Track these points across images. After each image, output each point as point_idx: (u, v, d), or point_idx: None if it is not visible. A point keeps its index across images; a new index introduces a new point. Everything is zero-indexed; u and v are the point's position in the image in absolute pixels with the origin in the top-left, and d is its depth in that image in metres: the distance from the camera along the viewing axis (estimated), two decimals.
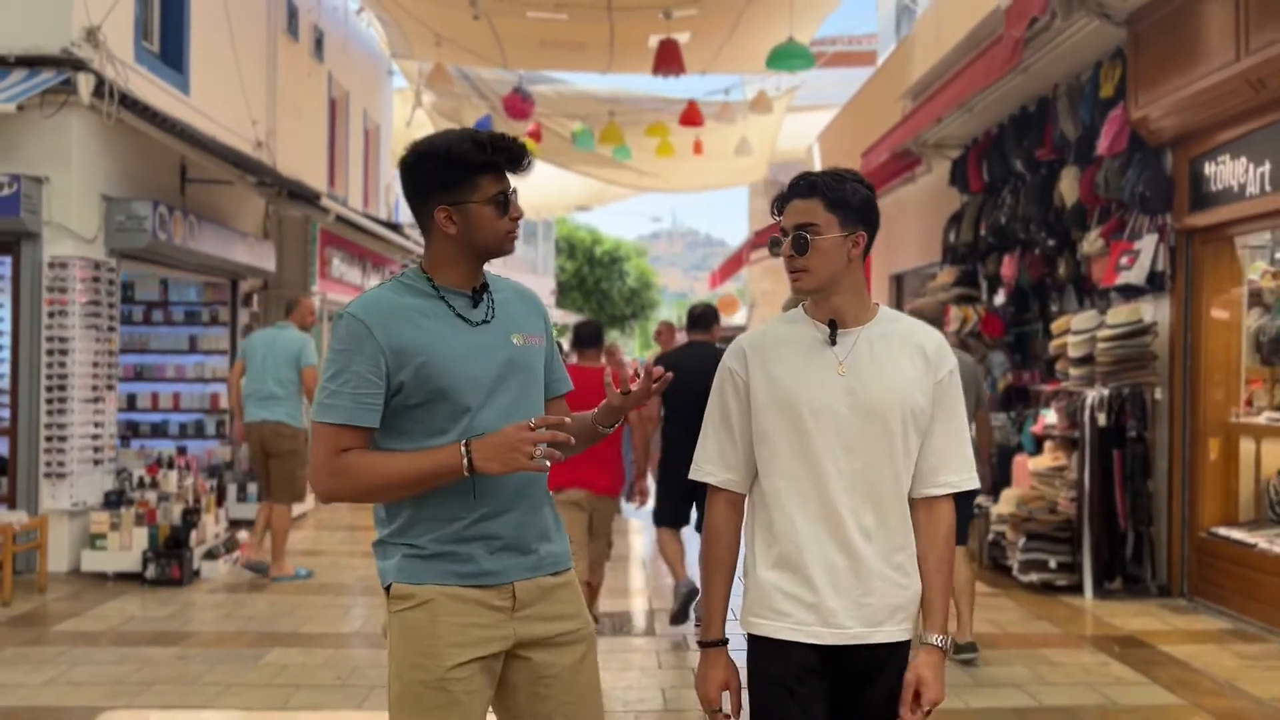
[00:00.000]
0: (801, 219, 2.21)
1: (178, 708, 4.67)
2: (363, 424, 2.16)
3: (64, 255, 7.37)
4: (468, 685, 2.18)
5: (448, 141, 2.19)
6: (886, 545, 2.22)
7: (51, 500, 7.29)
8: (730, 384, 2.31)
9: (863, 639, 2.20)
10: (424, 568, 2.19)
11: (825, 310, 2.26)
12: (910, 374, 2.24)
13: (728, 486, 2.31)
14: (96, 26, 7.59)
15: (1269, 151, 6.04)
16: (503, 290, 2.35)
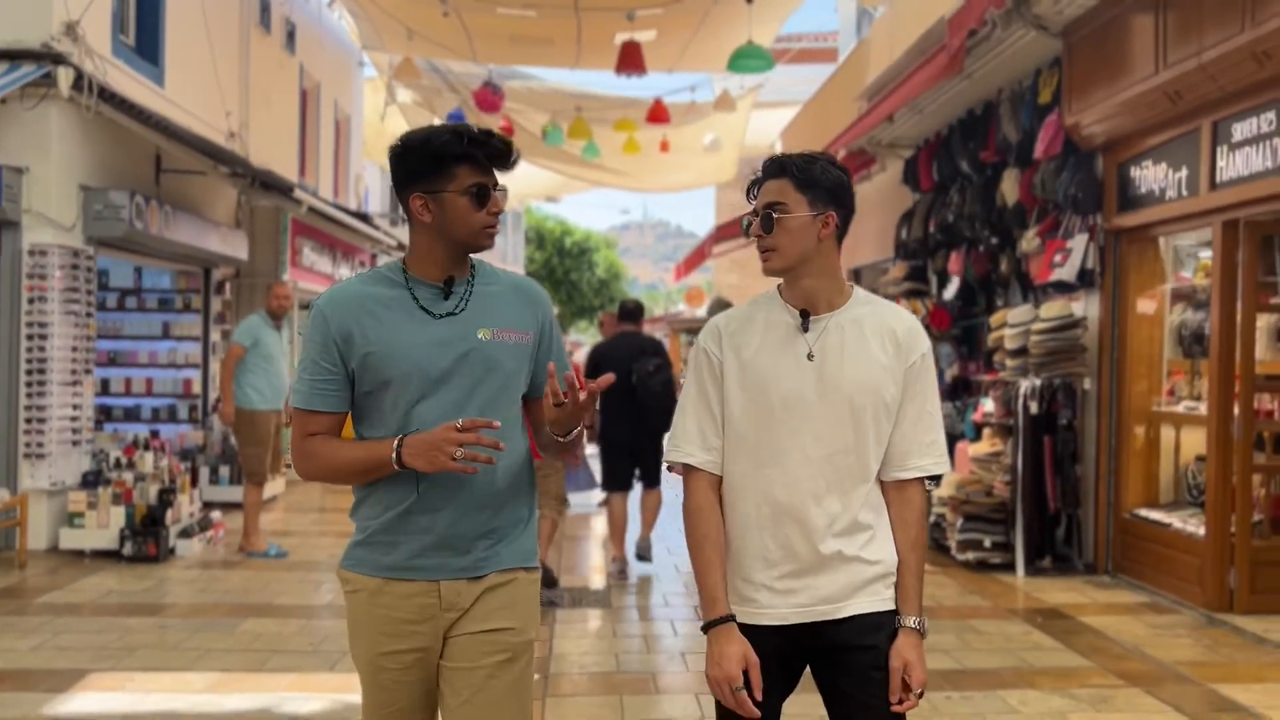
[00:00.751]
0: (770, 198, 2.20)
1: (160, 670, 4.98)
2: (318, 409, 2.23)
3: (44, 243, 7.61)
4: (396, 676, 2.24)
5: (430, 132, 2.22)
6: (851, 529, 2.22)
7: (31, 480, 7.55)
8: (706, 364, 2.29)
9: (827, 615, 2.20)
10: (361, 556, 2.26)
11: (797, 293, 2.25)
12: (881, 360, 2.22)
13: (707, 468, 2.27)
14: (76, 21, 7.82)
15: (1186, 158, 6.49)
16: (495, 283, 2.33)
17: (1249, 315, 6.30)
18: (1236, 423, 6.31)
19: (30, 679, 4.81)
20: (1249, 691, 4.81)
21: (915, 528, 2.26)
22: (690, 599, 6.86)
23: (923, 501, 2.29)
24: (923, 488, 2.30)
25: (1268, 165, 5.74)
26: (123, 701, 4.53)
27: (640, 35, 12.17)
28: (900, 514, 2.26)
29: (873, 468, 2.23)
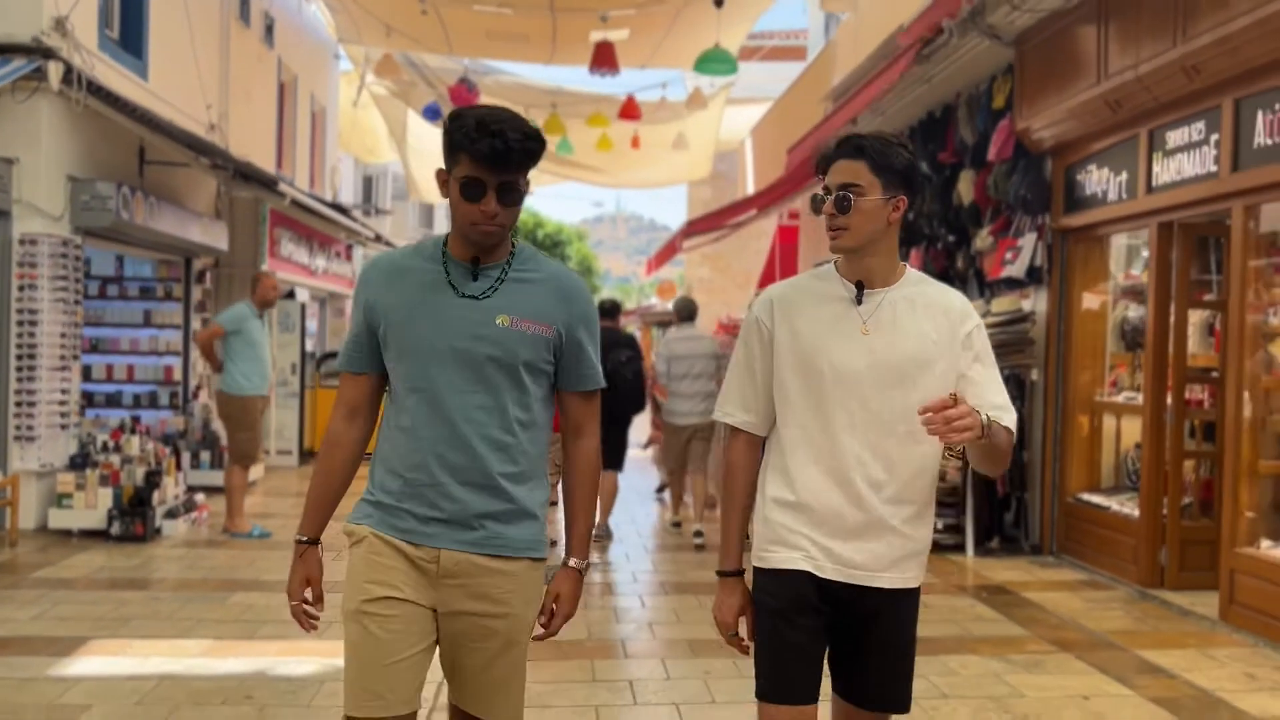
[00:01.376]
0: (846, 179, 2.25)
1: (156, 638, 5.27)
2: (352, 369, 2.37)
3: (34, 232, 7.84)
4: (385, 623, 2.23)
5: (466, 112, 2.22)
6: (895, 499, 2.28)
7: (20, 462, 7.78)
8: (756, 333, 2.38)
9: (866, 580, 2.28)
10: (369, 512, 2.32)
11: (856, 270, 2.31)
12: (931, 336, 2.28)
13: (746, 428, 2.40)
14: (65, 16, 8.03)
15: (1125, 163, 6.91)
16: (535, 272, 2.34)
17: (1181, 312, 6.74)
18: (1169, 412, 6.75)
19: (34, 645, 5.09)
20: (1169, 656, 5.24)
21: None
22: (657, 575, 7.22)
23: (1008, 438, 2.28)
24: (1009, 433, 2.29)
25: (1198, 171, 6.16)
26: (124, 665, 4.82)
27: (613, 34, 12.49)
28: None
29: (920, 441, 2.25)
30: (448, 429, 2.24)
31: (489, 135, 2.13)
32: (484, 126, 2.14)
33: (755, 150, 17.77)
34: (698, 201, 27.18)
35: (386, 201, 29.66)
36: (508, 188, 2.18)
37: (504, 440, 2.27)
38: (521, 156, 2.17)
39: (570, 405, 2.43)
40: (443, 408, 2.24)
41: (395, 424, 2.31)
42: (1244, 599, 5.73)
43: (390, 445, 2.31)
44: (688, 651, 5.24)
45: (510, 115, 2.18)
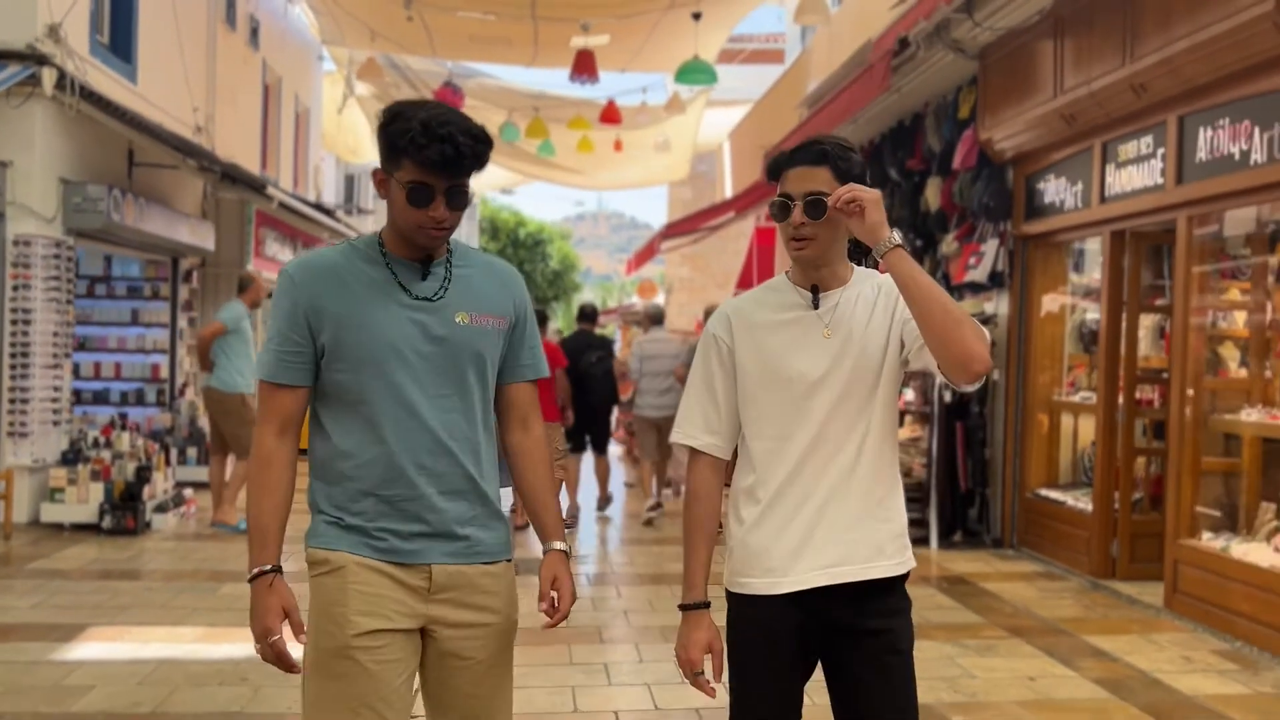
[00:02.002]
0: (811, 185, 2.18)
1: (153, 625, 5.52)
2: (284, 381, 2.16)
3: (27, 234, 8.05)
4: (378, 655, 2.12)
5: (401, 109, 2.10)
6: (868, 486, 2.24)
7: (13, 457, 7.99)
8: (715, 350, 2.32)
9: (853, 576, 2.20)
10: (340, 535, 2.17)
11: (811, 277, 2.27)
12: (883, 321, 2.25)
13: (709, 450, 2.32)
14: (58, 24, 8.24)
15: (1081, 174, 7.24)
16: (470, 264, 2.27)
17: (1133, 316, 7.08)
18: (1121, 411, 7.09)
19: (36, 631, 5.33)
20: (1114, 641, 5.57)
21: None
22: (632, 567, 7.51)
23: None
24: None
25: (1146, 183, 6.49)
26: (124, 650, 5.07)
27: (594, 40, 12.77)
28: None
29: (891, 426, 2.27)
30: (426, 436, 2.15)
31: (438, 140, 2.01)
32: (430, 130, 2.01)
33: (733, 152, 18.09)
34: (678, 201, 27.48)
35: (368, 200, 29.82)
36: (456, 191, 2.09)
37: (476, 441, 2.22)
38: (471, 161, 2.07)
39: (518, 395, 2.34)
40: (416, 414, 2.14)
41: (353, 438, 2.15)
42: (1186, 588, 6.07)
43: (353, 463, 2.15)
44: (660, 637, 5.54)
45: (456, 116, 2.08)
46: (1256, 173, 5.49)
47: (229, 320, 8.15)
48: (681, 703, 4.52)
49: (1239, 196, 5.78)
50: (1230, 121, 5.70)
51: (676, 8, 11.04)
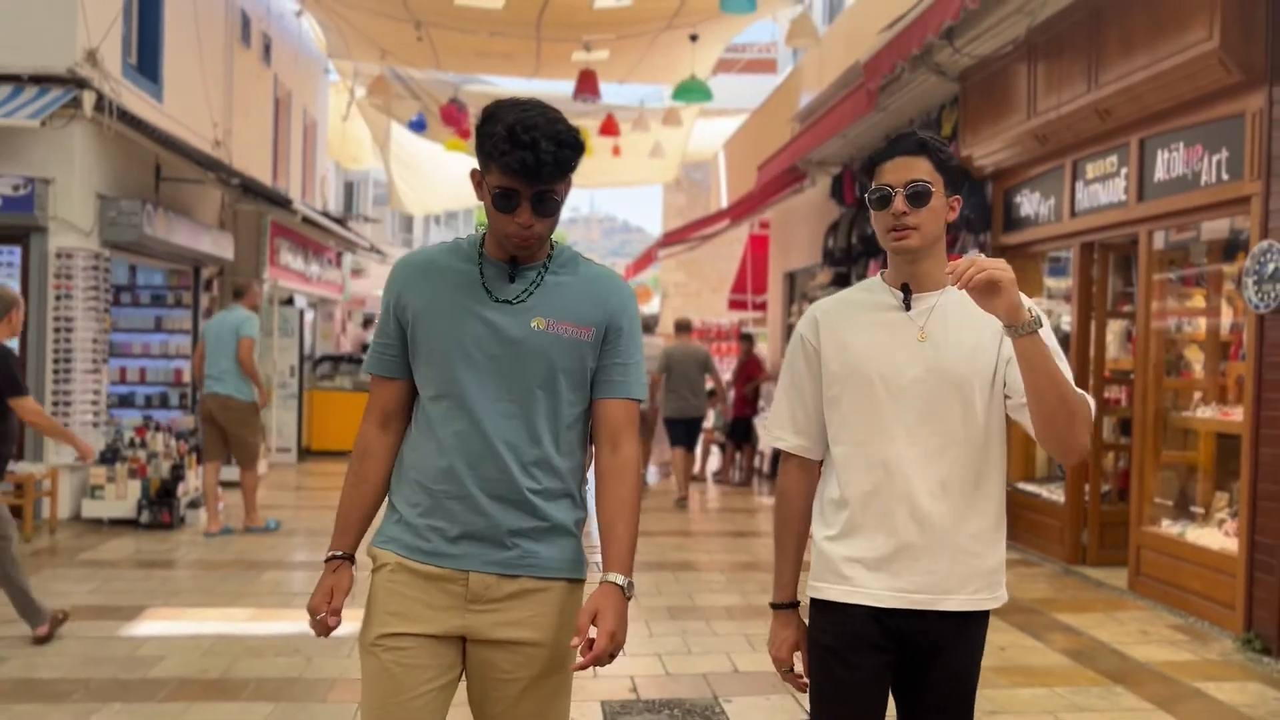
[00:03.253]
0: (912, 175, 2.12)
1: (205, 606, 6.05)
2: (379, 373, 2.21)
3: (68, 247, 8.57)
4: (400, 657, 2.09)
5: (496, 111, 2.05)
6: (960, 514, 2.13)
7: (56, 456, 8.50)
8: (801, 351, 2.28)
9: (930, 605, 2.12)
10: (395, 534, 2.17)
11: (907, 275, 2.19)
12: (990, 339, 2.13)
13: (799, 452, 2.29)
14: (95, 48, 8.76)
15: (1053, 189, 7.81)
16: (570, 272, 2.20)
17: (1101, 321, 7.64)
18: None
19: (99, 612, 5.85)
20: (1080, 618, 6.12)
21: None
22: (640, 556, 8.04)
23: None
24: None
25: (1111, 200, 7.06)
26: (183, 627, 5.59)
27: (594, 55, 13.33)
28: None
29: (984, 450, 2.15)
30: (479, 439, 2.11)
31: (520, 147, 1.97)
32: (515, 137, 1.97)
33: (728, 162, 18.65)
34: (672, 207, 28.03)
35: (367, 207, 30.33)
36: (543, 198, 2.04)
37: (535, 453, 2.13)
38: (554, 169, 2.01)
39: (607, 414, 2.21)
40: (473, 416, 2.11)
41: (422, 432, 2.17)
42: (1148, 571, 6.63)
43: (417, 455, 2.17)
44: (667, 616, 6.08)
45: (544, 120, 2.00)
46: (1207, 192, 6.05)
47: (255, 333, 8.28)
48: (690, 669, 5.06)
49: (1192, 213, 6.34)
50: (1184, 145, 6.27)
51: (674, 29, 11.60)
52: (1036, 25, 7.34)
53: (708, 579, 7.14)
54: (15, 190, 8.34)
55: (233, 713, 4.35)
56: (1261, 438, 5.53)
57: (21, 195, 8.35)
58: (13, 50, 8.42)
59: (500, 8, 11.17)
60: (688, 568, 7.55)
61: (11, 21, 8.49)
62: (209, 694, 4.55)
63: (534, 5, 11.12)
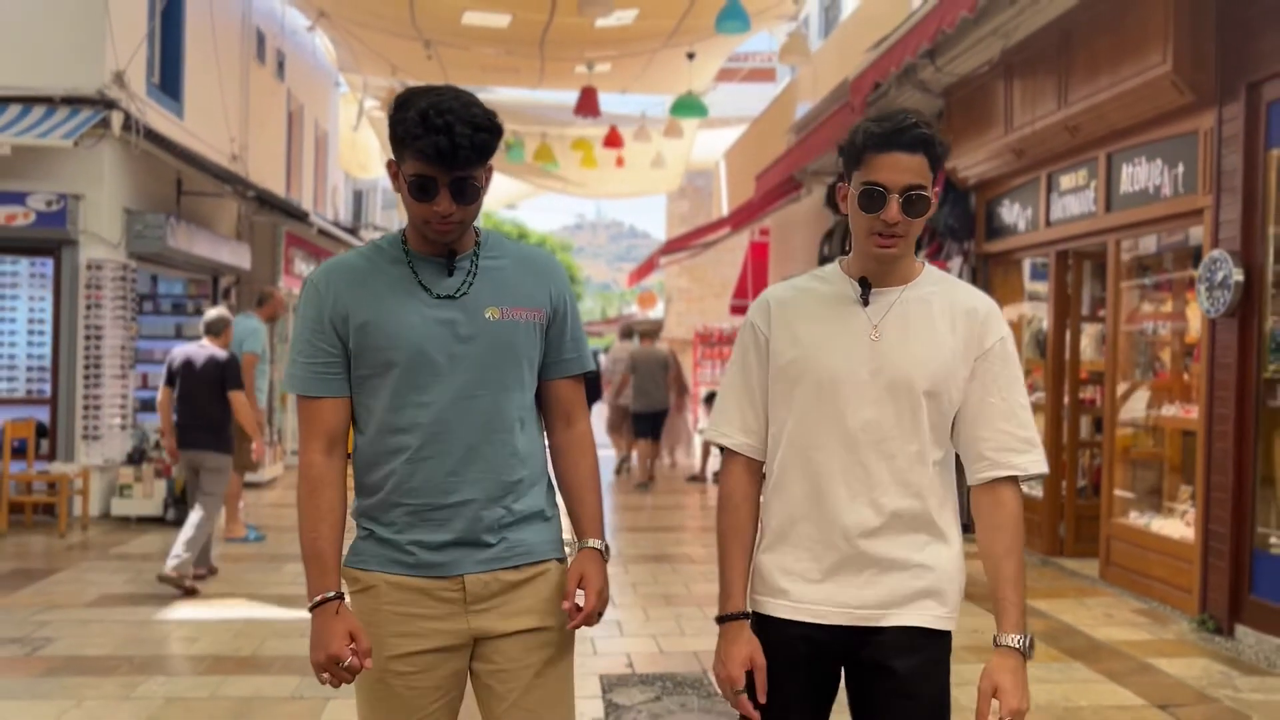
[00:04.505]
0: (912, 179, 1.94)
1: (231, 595, 6.49)
2: (319, 394, 2.07)
3: (98, 259, 9.04)
4: (409, 680, 2.07)
5: (408, 98, 1.97)
6: (907, 528, 2.01)
7: (87, 457, 8.97)
8: (752, 340, 2.11)
9: (873, 621, 2.00)
10: (373, 550, 2.10)
11: (870, 270, 2.03)
12: (948, 343, 2.00)
13: (745, 451, 2.12)
14: (122, 70, 9.24)
15: (1031, 200, 8.23)
16: (502, 255, 2.14)
17: (1075, 325, 8.06)
18: (1066, 409, 8.07)
19: (136, 599, 6.31)
20: (1051, 603, 6.54)
21: (1010, 532, 2.03)
22: (636, 549, 8.48)
23: (1018, 505, 2.06)
24: (1018, 490, 2.06)
25: (1083, 210, 7.48)
26: (213, 613, 6.05)
27: (597, 69, 13.80)
28: (992, 518, 2.04)
29: (931, 464, 2.02)
30: (458, 442, 2.05)
31: (434, 132, 1.89)
32: (428, 121, 1.89)
33: (729, 171, 19.09)
34: (675, 214, 28.53)
35: (376, 214, 30.84)
36: (462, 184, 1.96)
37: (511, 445, 2.10)
38: (471, 153, 1.93)
39: (561, 392, 2.21)
40: (444, 419, 2.05)
41: (384, 448, 2.07)
42: (1117, 560, 7.05)
43: (379, 473, 2.08)
44: (663, 602, 6.51)
45: (459, 104, 1.93)
46: (1167, 204, 6.47)
47: (258, 348, 8.49)
48: (682, 648, 5.49)
49: (1154, 224, 6.77)
50: (1147, 160, 6.69)
51: (672, 47, 12.06)
52: (1011, 47, 7.76)
53: (701, 570, 7.57)
54: (49, 206, 8.83)
55: (264, 684, 4.79)
56: (1214, 433, 5.95)
57: (54, 210, 8.83)
58: (45, 73, 8.91)
59: (505, 26, 11.63)
60: (685, 560, 7.99)
61: (44, 46, 8.98)
62: (242, 669, 5.00)
63: (538, 23, 11.58)
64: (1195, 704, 4.72)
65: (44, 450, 9.03)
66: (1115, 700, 4.76)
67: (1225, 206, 5.88)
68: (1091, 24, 6.79)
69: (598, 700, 4.63)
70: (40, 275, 9.12)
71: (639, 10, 10.98)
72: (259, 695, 4.63)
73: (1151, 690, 4.88)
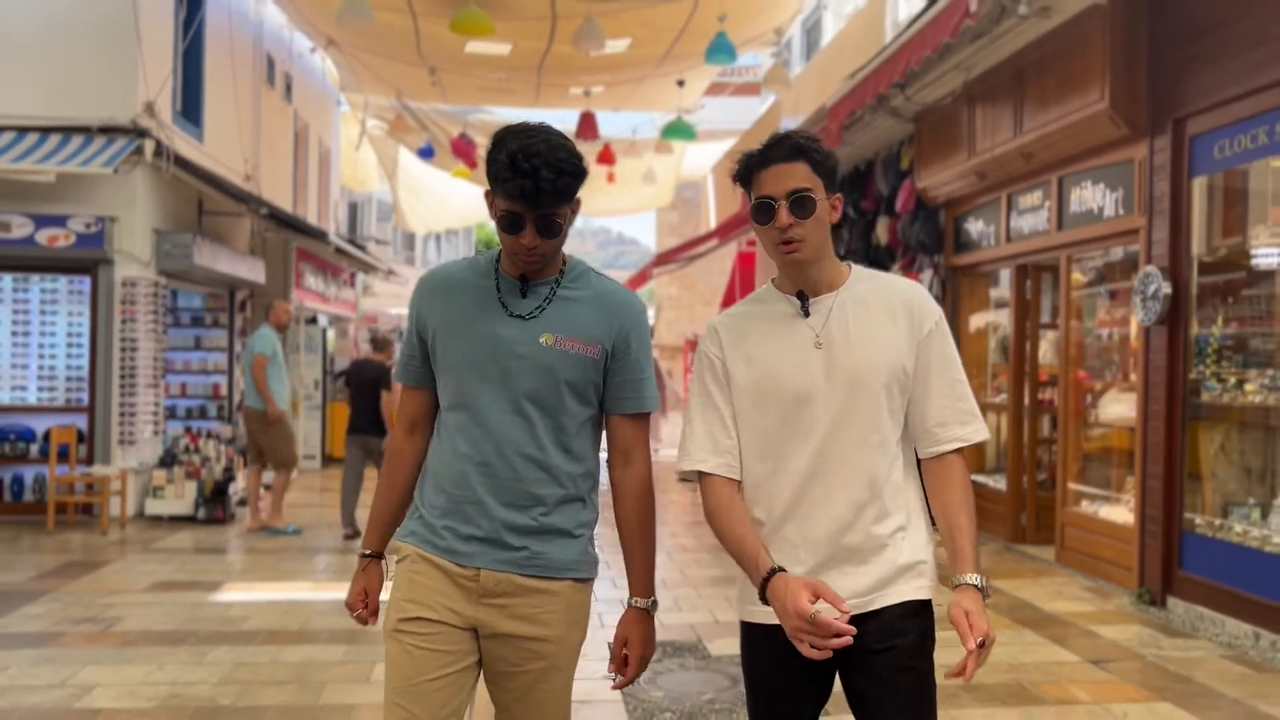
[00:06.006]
0: (795, 183, 2.07)
1: (273, 580, 7.19)
2: (407, 382, 2.37)
3: (132, 276, 9.73)
4: (419, 640, 2.20)
5: (503, 138, 2.13)
6: (881, 514, 2.12)
7: (123, 461, 9.64)
8: (709, 369, 2.23)
9: (865, 607, 2.09)
10: (414, 529, 2.31)
11: (798, 281, 2.16)
12: (890, 334, 2.12)
13: (720, 471, 2.18)
14: (152, 101, 9.94)
15: (993, 218, 9.00)
16: (583, 289, 2.29)
17: (1034, 332, 8.83)
18: (1026, 409, 8.83)
19: (187, 586, 6.99)
20: (1008, 583, 7.28)
21: (959, 487, 2.13)
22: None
23: (965, 471, 2.17)
24: (963, 459, 2.17)
25: (1038, 228, 8.24)
26: (259, 595, 6.74)
27: (591, 89, 14.54)
28: (944, 482, 2.14)
29: (895, 450, 2.14)
30: (491, 446, 2.22)
31: (521, 175, 2.07)
32: (516, 164, 2.07)
33: (716, 185, 19.85)
34: (665, 224, 29.31)
35: (371, 226, 31.51)
36: (547, 220, 2.13)
37: (545, 460, 2.23)
38: (554, 196, 2.10)
39: (619, 429, 2.33)
40: (485, 425, 2.22)
41: (441, 439, 2.31)
42: (1070, 544, 7.80)
43: (437, 461, 2.30)
44: (662, 586, 7.23)
45: (546, 148, 2.09)
46: (1110, 223, 7.24)
47: (267, 350, 9.16)
48: (680, 621, 6.21)
49: (1099, 241, 7.53)
50: (1092, 184, 7.46)
51: (662, 75, 12.81)
52: (972, 79, 8.53)
53: (694, 557, 8.30)
54: (87, 228, 9.52)
55: (315, 652, 5.48)
56: (1149, 428, 6.71)
57: (93, 232, 9.52)
58: (83, 104, 9.60)
59: (506, 54, 12.36)
60: (679, 549, 8.71)
61: (82, 79, 9.67)
62: (295, 640, 5.70)
63: (537, 51, 12.32)
64: (1124, 660, 5.46)
65: (82, 455, 9.70)
66: (1056, 658, 5.49)
67: (1156, 227, 6.64)
68: (1041, 62, 7.56)
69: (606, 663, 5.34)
70: (78, 292, 9.80)
71: (632, 39, 11.72)
72: (313, 660, 5.33)
73: (1088, 650, 5.63)
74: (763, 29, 11.83)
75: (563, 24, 10.89)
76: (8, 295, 9.82)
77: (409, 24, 11.21)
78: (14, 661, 5.19)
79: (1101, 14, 6.75)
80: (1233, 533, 6.02)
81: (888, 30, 10.86)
